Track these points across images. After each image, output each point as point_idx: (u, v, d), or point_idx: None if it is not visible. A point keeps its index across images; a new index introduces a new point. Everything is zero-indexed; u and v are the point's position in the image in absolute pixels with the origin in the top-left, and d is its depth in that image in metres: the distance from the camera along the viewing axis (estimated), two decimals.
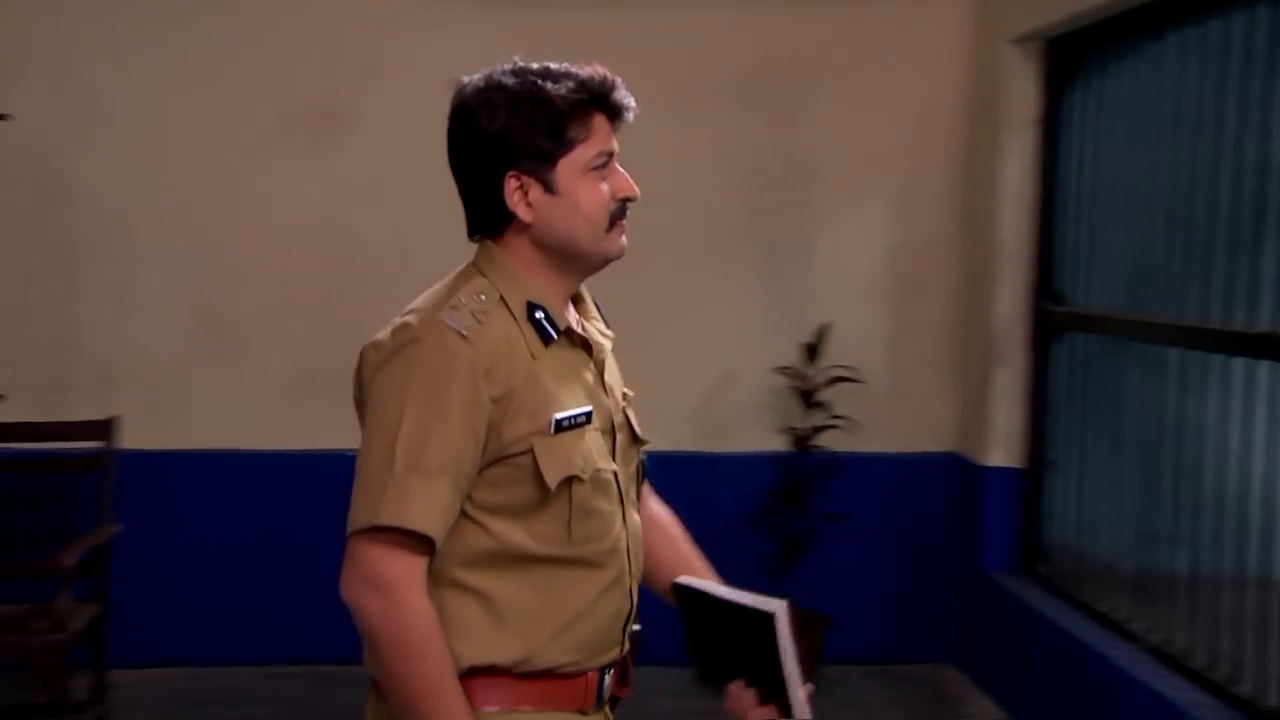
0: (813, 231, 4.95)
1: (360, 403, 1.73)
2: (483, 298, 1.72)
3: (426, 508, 1.63)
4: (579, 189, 1.73)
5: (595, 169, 1.73)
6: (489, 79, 1.73)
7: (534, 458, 1.68)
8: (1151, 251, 3.86)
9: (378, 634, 1.63)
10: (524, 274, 1.75)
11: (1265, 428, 3.26)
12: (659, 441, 2.07)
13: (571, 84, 1.71)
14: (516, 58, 1.76)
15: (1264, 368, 3.26)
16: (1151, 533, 3.80)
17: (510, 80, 1.71)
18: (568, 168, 1.72)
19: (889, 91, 4.90)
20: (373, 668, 1.69)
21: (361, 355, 1.73)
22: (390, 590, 1.62)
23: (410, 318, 1.71)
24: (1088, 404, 4.25)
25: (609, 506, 1.77)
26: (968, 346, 4.87)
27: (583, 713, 1.78)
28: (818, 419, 4.78)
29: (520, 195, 1.72)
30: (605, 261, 1.79)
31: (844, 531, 4.84)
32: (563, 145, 1.71)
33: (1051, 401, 4.46)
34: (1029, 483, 4.55)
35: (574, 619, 1.74)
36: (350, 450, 1.71)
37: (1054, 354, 4.46)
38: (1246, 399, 3.34)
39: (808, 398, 4.79)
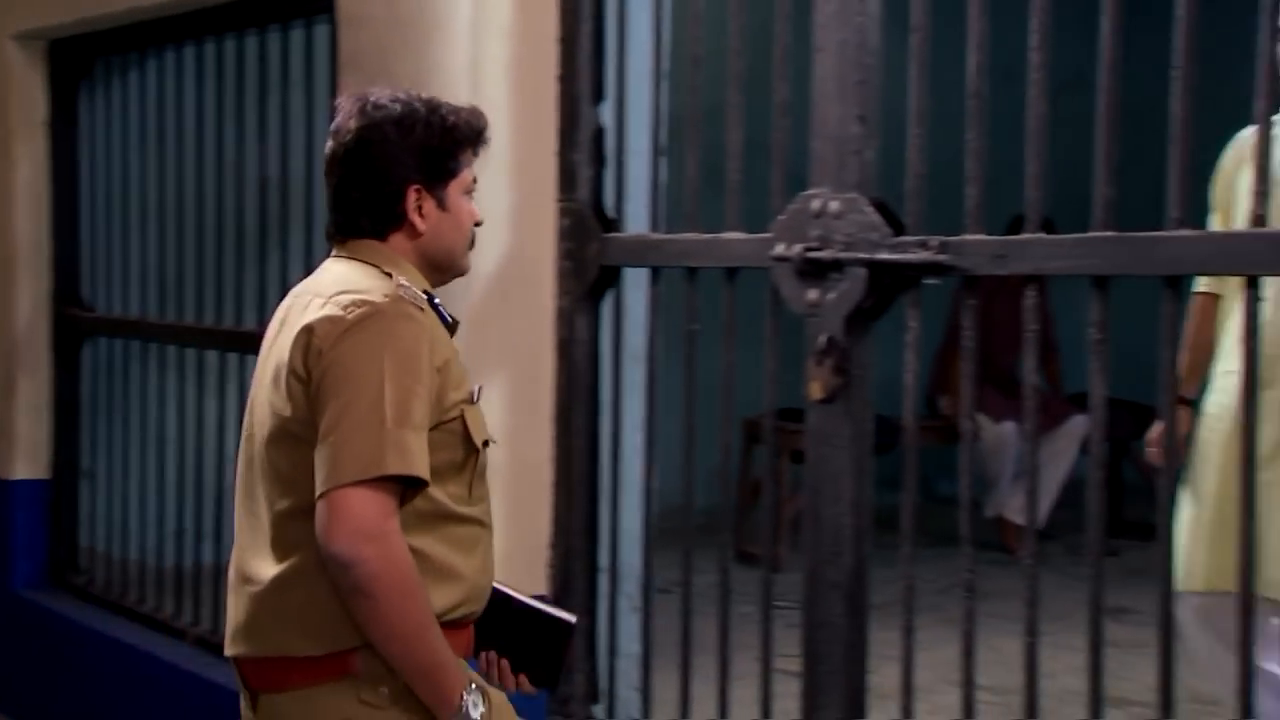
0: None
1: (301, 375, 1.82)
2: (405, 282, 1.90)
3: (422, 459, 1.79)
4: (461, 208, 1.98)
5: (468, 193, 1.99)
6: (398, 99, 1.94)
7: (464, 423, 1.89)
8: (173, 258, 3.99)
9: (378, 579, 1.73)
10: (415, 271, 1.95)
11: None
12: None
13: (470, 117, 1.97)
14: (410, 88, 1.98)
15: None
16: (187, 528, 3.95)
17: (420, 105, 1.94)
18: (455, 188, 1.97)
19: None
20: (367, 617, 1.76)
21: (310, 329, 1.82)
22: (387, 537, 1.75)
23: (360, 295, 1.84)
24: (122, 408, 4.27)
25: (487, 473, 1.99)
26: None
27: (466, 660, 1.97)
28: None
29: (416, 207, 1.93)
30: (459, 275, 2.04)
31: None
32: (456, 168, 1.96)
33: (82, 408, 4.40)
34: (59, 493, 4.43)
35: (478, 570, 1.93)
36: None
37: (82, 360, 4.40)
38: None
39: None
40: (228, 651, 1.95)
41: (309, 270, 3.46)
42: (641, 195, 2.69)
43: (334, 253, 2.00)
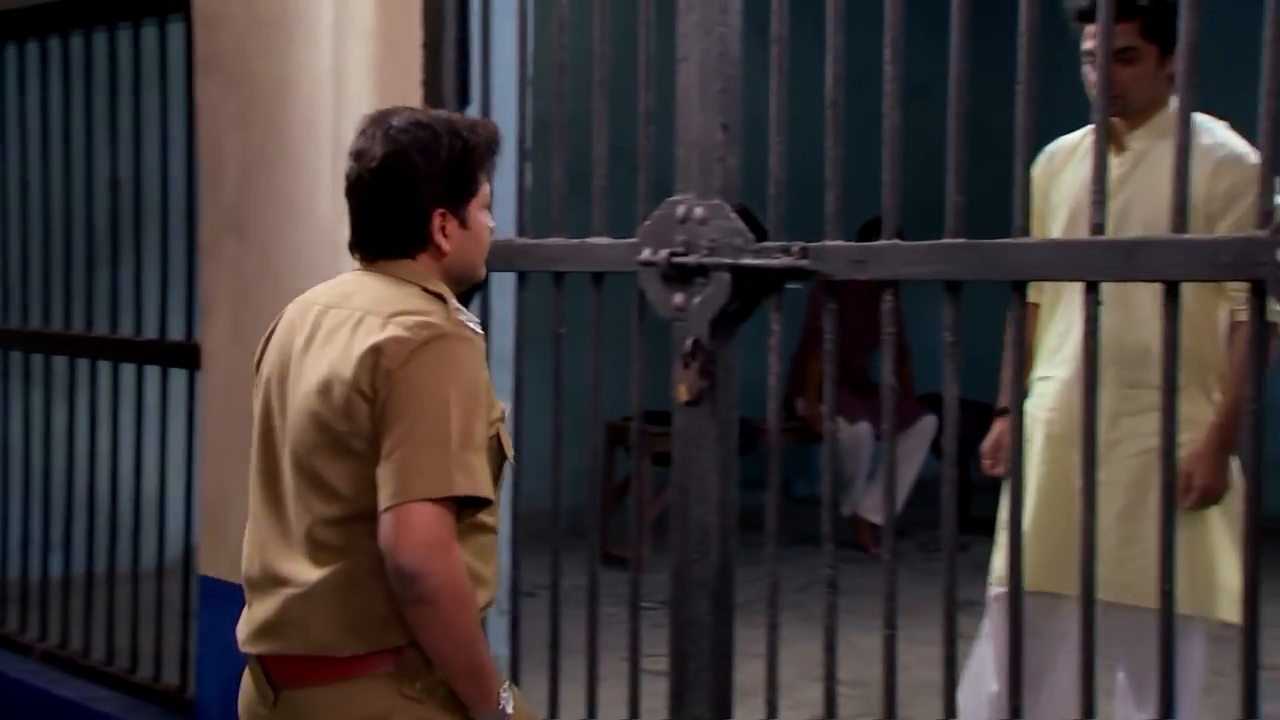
0: None
1: (367, 394, 1.87)
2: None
3: (486, 480, 1.90)
4: (481, 223, 2.03)
5: (487, 207, 2.04)
6: (419, 123, 1.97)
7: (499, 439, 1.98)
8: (16, 260, 3.87)
9: (444, 589, 1.82)
10: (446, 288, 2.00)
11: (132, 428, 3.50)
12: None
13: (486, 134, 2.02)
14: (423, 105, 1.95)
15: (128, 370, 3.50)
16: (35, 540, 3.83)
17: (441, 126, 1.97)
18: (475, 205, 2.01)
19: None
20: (427, 624, 1.85)
21: (379, 350, 1.87)
22: (449, 550, 1.84)
23: (424, 317, 1.90)
24: None
25: None
26: None
27: None
28: None
29: (441, 228, 1.97)
30: (475, 283, 2.11)
31: None
32: (477, 187, 2.01)
33: None
34: None
35: (496, 573, 2.03)
36: None
37: None
38: (115, 402, 3.54)
39: None
40: (249, 649, 1.98)
41: (165, 271, 3.46)
42: (508, 200, 2.71)
43: (360, 268, 2.03)
